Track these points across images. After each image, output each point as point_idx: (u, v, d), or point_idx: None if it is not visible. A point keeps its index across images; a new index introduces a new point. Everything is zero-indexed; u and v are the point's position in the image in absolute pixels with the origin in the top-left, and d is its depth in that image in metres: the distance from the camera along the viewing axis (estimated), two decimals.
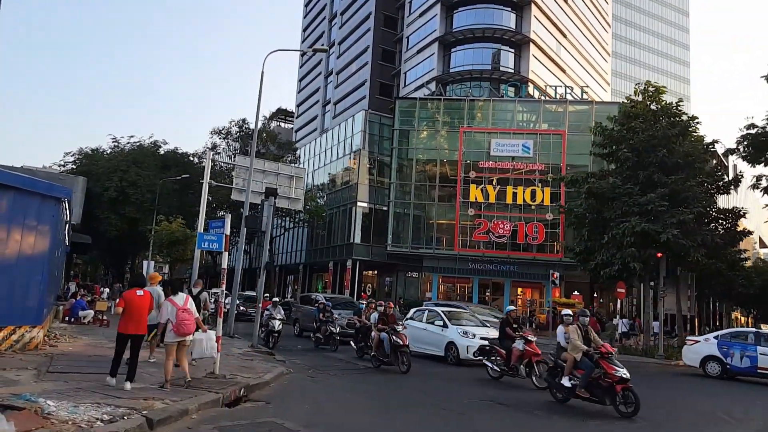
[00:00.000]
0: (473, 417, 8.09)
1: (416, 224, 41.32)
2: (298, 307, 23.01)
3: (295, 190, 22.99)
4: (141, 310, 7.83)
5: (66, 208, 12.82)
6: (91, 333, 15.22)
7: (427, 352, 15.33)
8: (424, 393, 10.03)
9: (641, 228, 19.73)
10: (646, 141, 21.02)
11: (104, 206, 37.17)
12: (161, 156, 42.36)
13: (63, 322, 18.14)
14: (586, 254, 22.89)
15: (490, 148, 39.41)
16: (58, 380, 7.74)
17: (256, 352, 13.90)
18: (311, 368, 12.18)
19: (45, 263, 10.61)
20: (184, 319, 8.03)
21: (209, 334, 8.97)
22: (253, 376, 9.80)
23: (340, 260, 43.36)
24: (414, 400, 9.32)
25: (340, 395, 9.49)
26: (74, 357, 10.21)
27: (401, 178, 41.89)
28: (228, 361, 11.01)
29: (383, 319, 13.12)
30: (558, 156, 38.94)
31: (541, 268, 39.30)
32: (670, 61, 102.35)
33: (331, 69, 64.65)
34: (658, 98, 22.41)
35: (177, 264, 37.09)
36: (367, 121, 43.60)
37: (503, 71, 46.01)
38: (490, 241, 39.08)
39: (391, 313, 13.47)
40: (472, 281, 40.94)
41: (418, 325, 15.92)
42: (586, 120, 40.39)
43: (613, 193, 21.38)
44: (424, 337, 15.44)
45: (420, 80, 49.37)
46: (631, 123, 21.94)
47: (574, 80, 50.69)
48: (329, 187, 47.43)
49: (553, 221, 38.25)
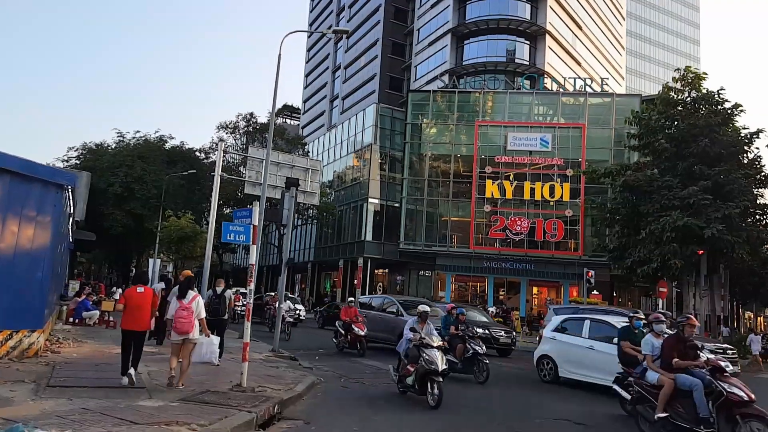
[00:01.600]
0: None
1: (429, 221, 40.02)
2: None
3: (310, 184, 21.75)
4: (141, 307, 7.73)
5: (70, 198, 11.60)
6: (96, 335, 13.98)
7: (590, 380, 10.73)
8: (489, 407, 8.75)
9: (684, 222, 18.44)
10: (687, 130, 19.70)
11: (109, 202, 35.99)
12: (167, 151, 41.17)
13: (66, 323, 16.92)
14: (620, 251, 21.56)
15: (507, 143, 38.07)
16: (61, 396, 6.50)
17: (278, 357, 12.65)
18: (342, 376, 10.91)
19: (46, 259, 9.37)
20: (180, 317, 7.73)
21: (211, 339, 8.95)
22: (283, 387, 8.55)
23: (350, 258, 42.09)
24: (483, 417, 8.03)
25: (386, 410, 8.20)
26: (79, 365, 8.97)
27: (414, 173, 40.61)
28: (251, 368, 9.75)
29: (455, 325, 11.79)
30: (577, 150, 37.59)
31: (559, 266, 38.04)
32: (679, 57, 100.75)
33: (338, 63, 63.40)
34: (698, 85, 21.05)
35: (185, 262, 35.88)
36: (378, 115, 42.26)
37: (518, 63, 44.68)
38: (506, 238, 37.76)
39: None
40: (487, 280, 39.65)
41: (580, 342, 11.01)
42: (606, 113, 39.09)
43: (650, 186, 20.06)
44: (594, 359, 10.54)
45: (432, 73, 48.06)
46: (670, 111, 20.59)
47: (590, 74, 49.29)
48: (339, 183, 46.16)
49: (573, 218, 36.93)
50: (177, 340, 7.85)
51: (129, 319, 7.70)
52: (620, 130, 39.26)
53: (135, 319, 7.66)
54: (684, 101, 21.12)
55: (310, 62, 73.83)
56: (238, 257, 63.01)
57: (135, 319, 7.66)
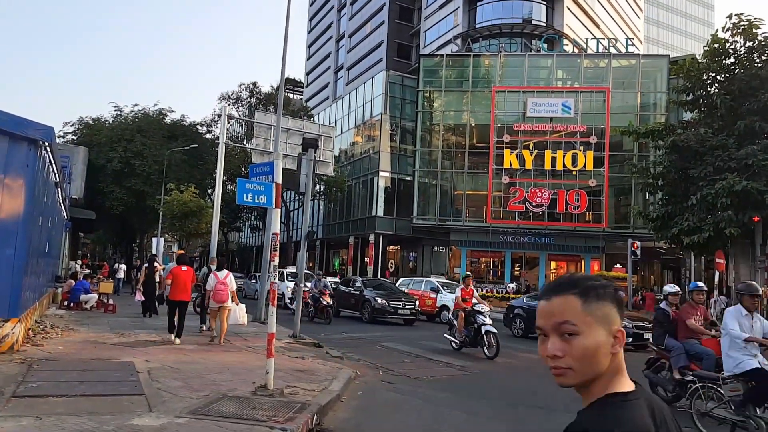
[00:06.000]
0: None
1: (443, 195, 38.12)
2: None
3: (323, 152, 19.83)
4: (185, 282, 10.08)
5: (51, 161, 9.78)
6: (92, 322, 12.29)
7: None
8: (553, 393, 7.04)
9: (742, 186, 16.51)
10: (746, 82, 17.61)
11: (108, 179, 34.19)
12: (168, 125, 39.14)
13: (61, 307, 15.29)
14: (665, 220, 19.69)
15: (526, 109, 35.84)
16: (27, 414, 4.77)
17: (301, 343, 10.97)
18: (379, 368, 9.21)
19: (19, 233, 7.60)
20: (219, 290, 9.94)
21: (240, 306, 11.05)
22: (317, 387, 6.84)
23: (361, 235, 40.33)
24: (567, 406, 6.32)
25: (447, 416, 6.46)
26: (62, 363, 7.24)
27: (426, 144, 38.52)
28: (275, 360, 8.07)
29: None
30: (601, 116, 35.38)
31: (579, 239, 36.24)
32: (693, 22, 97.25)
33: (342, 32, 60.69)
34: (751, 33, 18.87)
35: (190, 239, 34.19)
36: (388, 83, 39.98)
37: (535, 25, 42.06)
38: (525, 211, 35.86)
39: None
40: (504, 255, 37.89)
41: None
42: (631, 76, 36.77)
43: (702, 147, 18.07)
44: None
45: (442, 38, 45.56)
46: (722, 62, 18.46)
47: (608, 36, 46.73)
48: (347, 157, 44.13)
49: (596, 188, 34.96)
50: (215, 307, 10.07)
51: (175, 291, 9.97)
52: (647, 93, 37.15)
53: (180, 292, 9.94)
54: (737, 51, 18.96)
55: (312, 32, 70.97)
56: (245, 236, 61.34)
57: (180, 292, 9.94)
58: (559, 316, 1.14)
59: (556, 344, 1.14)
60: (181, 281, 9.94)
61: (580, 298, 1.14)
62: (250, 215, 45.59)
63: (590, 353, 1.12)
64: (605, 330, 1.13)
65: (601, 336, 1.13)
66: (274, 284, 6.45)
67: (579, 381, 1.14)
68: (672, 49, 70.19)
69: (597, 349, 1.12)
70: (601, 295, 1.15)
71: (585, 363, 1.12)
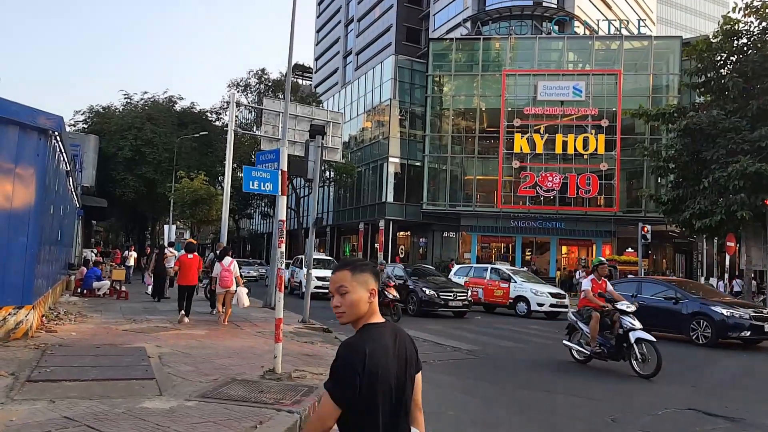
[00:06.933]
0: None
1: (453, 180, 37.99)
2: None
3: (332, 138, 19.84)
4: (191, 269, 11.02)
5: (62, 150, 9.89)
6: (105, 309, 12.51)
7: None
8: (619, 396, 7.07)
9: (755, 169, 16.27)
10: (760, 63, 17.26)
11: (120, 167, 34.49)
12: (177, 113, 39.27)
13: (74, 294, 15.56)
14: (676, 203, 19.49)
15: (537, 93, 35.46)
16: (40, 397, 4.91)
17: (310, 328, 11.10)
18: None
19: (32, 221, 7.73)
20: (224, 276, 10.92)
21: (243, 288, 11.33)
22: (324, 370, 6.94)
23: (371, 221, 40.38)
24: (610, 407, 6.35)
25: (453, 397, 6.53)
26: (75, 349, 7.40)
27: (436, 129, 38.30)
28: (282, 343, 8.18)
29: None
30: (613, 99, 34.93)
31: (590, 224, 36.01)
32: (708, 2, 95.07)
33: (351, 16, 60.22)
34: (764, 13, 18.43)
35: (201, 226, 34.47)
36: (397, 68, 39.67)
37: (546, 7, 41.43)
38: (536, 195, 35.67)
39: None
40: (515, 240, 37.78)
41: None
42: (643, 58, 36.18)
43: (714, 129, 17.80)
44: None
45: (452, 22, 45.05)
46: (735, 43, 18.10)
47: (620, 18, 45.88)
48: (357, 143, 44.03)
49: (608, 172, 34.64)
50: (221, 291, 10.99)
51: (182, 277, 10.94)
52: (659, 75, 36.58)
53: (186, 277, 10.91)
54: (750, 32, 18.56)
55: (321, 17, 70.50)
56: (255, 222, 61.69)
57: (186, 277, 10.91)
58: (339, 282, 1.87)
59: (337, 299, 1.87)
60: (187, 268, 10.87)
61: (350, 272, 1.87)
62: (261, 202, 45.79)
63: (355, 303, 1.85)
64: (365, 289, 1.86)
65: (362, 293, 1.86)
66: (281, 270, 6.52)
67: (350, 320, 1.87)
68: (685, 30, 68.76)
69: (359, 300, 1.85)
70: (363, 269, 1.89)
71: (353, 309, 1.85)
